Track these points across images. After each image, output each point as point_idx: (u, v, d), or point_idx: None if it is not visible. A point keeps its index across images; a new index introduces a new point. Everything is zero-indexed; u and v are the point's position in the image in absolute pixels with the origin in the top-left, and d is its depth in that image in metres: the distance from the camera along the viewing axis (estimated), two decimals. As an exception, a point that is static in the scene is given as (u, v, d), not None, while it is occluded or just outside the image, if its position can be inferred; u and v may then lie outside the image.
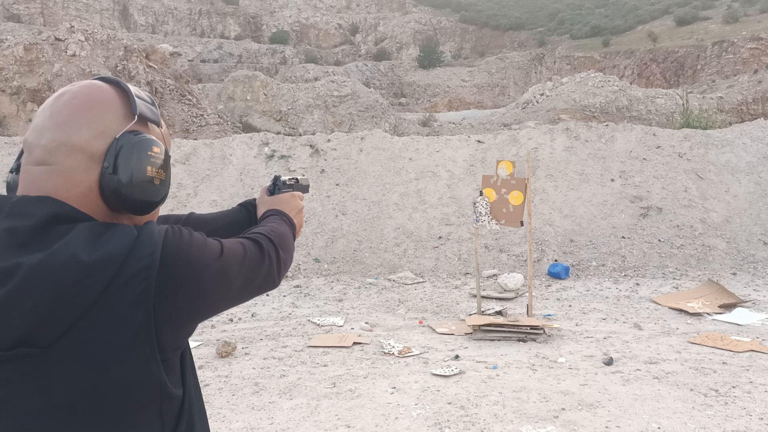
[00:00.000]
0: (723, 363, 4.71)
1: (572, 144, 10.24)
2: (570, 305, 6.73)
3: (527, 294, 6.42)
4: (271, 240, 1.14)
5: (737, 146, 9.96)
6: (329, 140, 10.81)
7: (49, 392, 0.84)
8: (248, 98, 26.40)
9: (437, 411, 3.89)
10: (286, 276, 6.95)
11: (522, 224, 6.12)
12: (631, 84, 29.40)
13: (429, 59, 51.62)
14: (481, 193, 6.14)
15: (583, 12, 57.99)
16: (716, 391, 4.12)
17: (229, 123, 21.85)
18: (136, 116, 0.96)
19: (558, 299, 7.00)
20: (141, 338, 0.86)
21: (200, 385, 1.10)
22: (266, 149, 10.57)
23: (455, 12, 64.47)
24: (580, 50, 45.25)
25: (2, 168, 9.79)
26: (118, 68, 18.60)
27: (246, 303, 3.73)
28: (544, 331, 5.51)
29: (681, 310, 6.31)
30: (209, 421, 1.12)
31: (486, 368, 4.68)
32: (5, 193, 0.97)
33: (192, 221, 1.39)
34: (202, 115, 19.56)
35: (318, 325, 6.08)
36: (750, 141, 10.03)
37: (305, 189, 1.55)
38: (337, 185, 9.81)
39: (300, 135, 15.57)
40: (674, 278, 7.65)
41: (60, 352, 0.83)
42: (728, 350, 5.01)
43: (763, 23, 37.99)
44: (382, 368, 4.75)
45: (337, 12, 63.28)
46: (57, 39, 18.11)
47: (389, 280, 7.93)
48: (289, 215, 1.34)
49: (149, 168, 0.94)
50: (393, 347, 5.22)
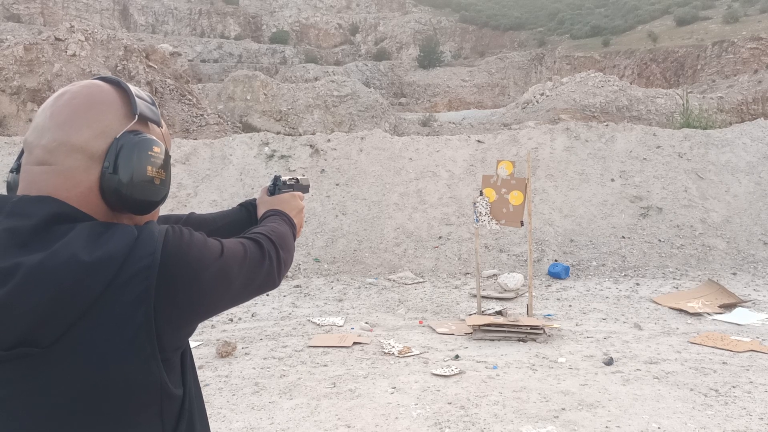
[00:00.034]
0: (723, 363, 4.71)
1: (572, 144, 10.24)
2: (570, 305, 6.73)
3: (527, 294, 6.42)
4: (272, 240, 1.14)
5: (737, 146, 9.96)
6: (329, 140, 10.81)
7: (50, 392, 0.84)
8: (248, 98, 26.40)
9: (437, 411, 3.89)
10: (286, 276, 6.94)
11: (522, 224, 6.12)
12: (631, 84, 29.40)
13: (429, 59, 51.63)
14: (481, 193, 6.14)
15: (583, 12, 57.99)
16: (716, 391, 4.12)
17: (229, 123, 21.86)
18: (137, 116, 0.96)
19: (558, 299, 7.00)
20: (141, 338, 0.86)
21: (200, 385, 1.10)
22: (266, 149, 10.57)
23: (455, 12, 64.47)
24: (580, 50, 45.25)
25: (2, 168, 9.79)
26: (118, 68, 18.60)
27: (246, 303, 3.73)
28: (544, 331, 5.51)
29: (681, 310, 6.31)
30: (209, 421, 1.12)
31: (486, 368, 4.68)
32: (5, 193, 0.97)
33: (192, 221, 1.39)
34: (202, 115, 19.56)
35: (318, 325, 6.09)
36: (750, 141, 10.03)
37: (305, 189, 1.55)
38: (337, 185, 9.81)
39: (300, 135, 15.57)
40: (674, 278, 7.65)
41: (60, 352, 0.83)
42: (728, 350, 5.01)
43: (763, 23, 37.99)
44: (382, 368, 4.75)
45: (337, 12, 63.27)
46: (57, 39, 18.11)
47: (389, 280, 7.93)
48: (290, 215, 1.34)
49: (149, 168, 0.94)
50: (393, 347, 5.22)
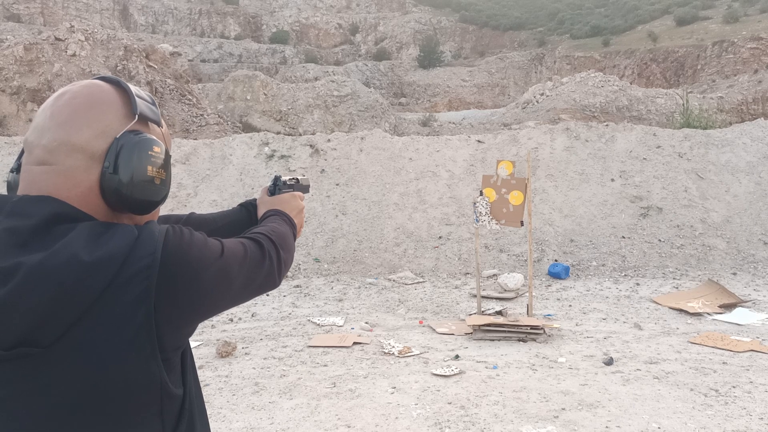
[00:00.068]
0: (723, 363, 4.71)
1: (572, 144, 10.24)
2: (570, 305, 6.73)
3: (527, 294, 6.42)
4: (272, 240, 1.14)
5: (737, 146, 9.96)
6: (329, 140, 10.81)
7: (50, 392, 0.84)
8: (248, 98, 26.41)
9: (437, 411, 3.89)
10: (286, 276, 6.94)
11: (522, 224, 6.12)
12: (631, 84, 29.42)
13: (429, 59, 51.64)
14: (481, 193, 6.14)
15: (583, 12, 58.00)
16: (716, 391, 4.12)
17: (229, 123, 21.86)
18: (137, 116, 0.96)
19: (558, 299, 7.00)
20: (141, 338, 0.86)
21: (200, 385, 1.10)
22: (266, 149, 10.57)
23: (455, 12, 64.49)
24: (580, 50, 45.26)
25: (2, 168, 9.79)
26: (118, 68, 18.60)
27: (246, 303, 3.73)
28: (544, 331, 5.51)
29: (681, 310, 6.31)
30: (209, 421, 1.12)
31: (486, 368, 4.68)
32: (6, 193, 0.97)
33: (192, 221, 1.39)
34: (202, 115, 19.56)
35: (318, 325, 6.08)
36: (750, 141, 10.03)
37: (306, 189, 1.55)
38: (337, 185, 9.81)
39: (300, 135, 15.57)
40: (674, 278, 7.65)
41: (60, 352, 0.83)
42: (728, 350, 5.01)
43: (763, 23, 37.99)
44: (382, 368, 4.75)
45: (337, 12, 63.28)
46: (57, 39, 18.11)
47: (389, 280, 7.93)
48: (290, 215, 1.34)
49: (150, 167, 0.94)
50: (393, 347, 5.22)
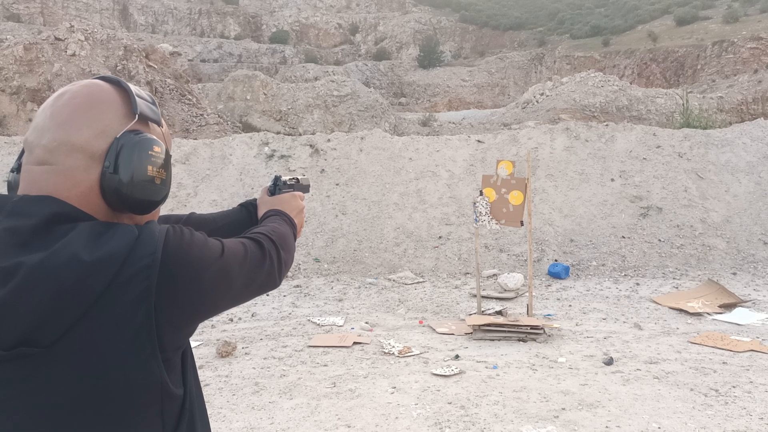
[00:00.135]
0: (723, 363, 4.71)
1: (572, 144, 10.24)
2: (570, 305, 6.73)
3: (527, 294, 6.42)
4: (272, 240, 1.14)
5: (737, 146, 9.96)
6: (329, 140, 10.81)
7: (50, 392, 0.84)
8: (248, 98, 26.41)
9: (437, 411, 3.88)
10: (287, 276, 6.94)
11: (522, 224, 6.12)
12: (631, 84, 29.42)
13: (429, 59, 51.64)
14: (481, 193, 6.14)
15: (583, 12, 58.01)
16: (716, 391, 4.12)
17: (229, 123, 21.86)
18: (137, 115, 0.96)
19: (558, 299, 7.00)
20: (142, 338, 0.86)
21: (201, 385, 1.10)
22: (266, 149, 10.57)
23: (455, 12, 64.49)
24: (580, 50, 45.27)
25: (3, 168, 9.79)
26: (118, 68, 18.60)
27: (246, 303, 3.73)
28: (544, 331, 5.51)
29: (681, 310, 6.31)
30: (210, 421, 1.12)
31: (486, 368, 4.68)
32: (6, 193, 0.97)
33: (192, 221, 1.39)
34: (202, 115, 19.55)
35: (318, 325, 6.08)
36: (750, 141, 10.03)
37: (306, 189, 1.55)
38: (337, 185, 9.81)
39: (300, 135, 15.57)
40: (674, 278, 7.65)
41: (61, 352, 0.83)
42: (728, 350, 5.01)
43: (763, 23, 37.99)
44: (382, 368, 4.75)
45: (337, 12, 63.27)
46: (57, 39, 18.11)
47: (389, 280, 7.93)
48: (290, 215, 1.34)
49: (150, 167, 0.94)
50: (393, 347, 5.22)
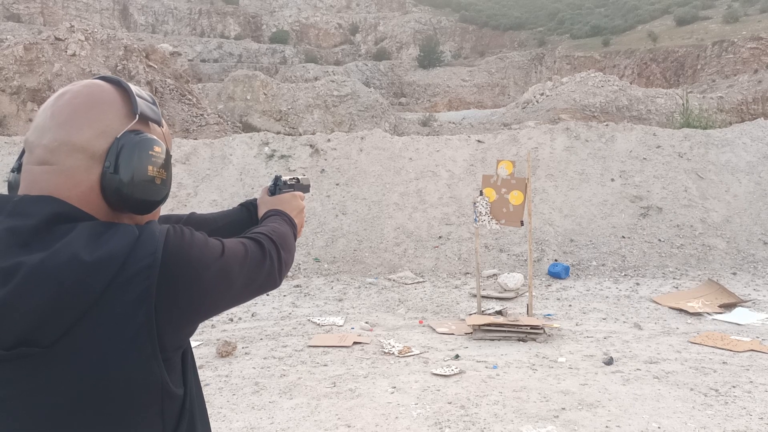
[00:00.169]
0: (723, 363, 4.71)
1: (572, 144, 10.24)
2: (570, 305, 6.73)
3: (527, 294, 6.42)
4: (273, 240, 1.14)
5: (737, 146, 9.96)
6: (329, 140, 10.81)
7: (50, 392, 0.84)
8: (248, 98, 26.40)
9: (437, 411, 3.89)
10: (287, 276, 6.95)
11: (522, 224, 6.12)
12: (631, 84, 29.42)
13: (429, 59, 51.62)
14: (481, 193, 6.14)
15: (583, 12, 58.00)
16: (716, 391, 4.12)
17: (229, 123, 21.87)
18: (137, 115, 0.96)
19: (558, 299, 7.00)
20: (142, 338, 0.86)
21: (201, 385, 1.10)
22: (266, 149, 10.57)
23: (455, 12, 64.48)
24: (580, 50, 45.26)
25: (3, 168, 9.79)
26: (118, 68, 18.60)
27: (246, 303, 3.73)
28: (544, 331, 5.51)
29: (681, 310, 6.31)
30: (210, 421, 1.12)
31: (486, 368, 4.68)
32: (7, 193, 0.97)
33: (193, 221, 1.39)
34: (202, 115, 19.55)
35: (318, 325, 6.09)
36: (750, 141, 10.03)
37: (306, 189, 1.55)
38: (337, 185, 9.81)
39: (300, 135, 15.57)
40: (674, 278, 7.65)
41: (61, 352, 0.83)
42: (728, 350, 5.01)
43: (763, 23, 37.99)
44: (382, 368, 4.75)
45: (337, 12, 63.27)
46: (57, 39, 18.11)
47: (389, 280, 7.93)
48: (290, 215, 1.34)
49: (150, 167, 0.94)
50: (393, 347, 5.22)
